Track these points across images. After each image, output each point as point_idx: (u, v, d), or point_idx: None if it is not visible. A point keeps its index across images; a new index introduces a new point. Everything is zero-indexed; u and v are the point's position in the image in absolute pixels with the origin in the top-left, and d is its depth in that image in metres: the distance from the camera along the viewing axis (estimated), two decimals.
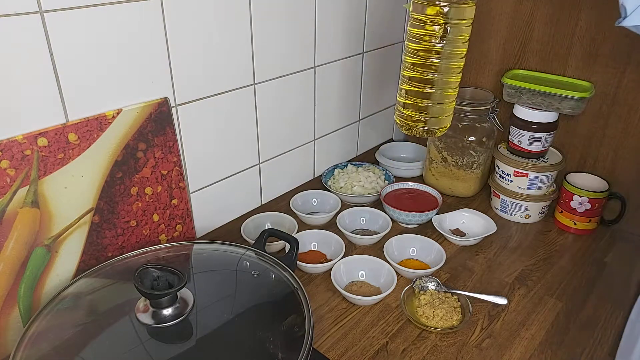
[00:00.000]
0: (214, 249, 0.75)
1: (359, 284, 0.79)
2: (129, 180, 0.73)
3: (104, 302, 0.65)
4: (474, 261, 0.85)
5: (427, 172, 1.09)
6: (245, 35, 0.83)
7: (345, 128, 1.15)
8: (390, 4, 1.11)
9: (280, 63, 0.92)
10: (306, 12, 0.93)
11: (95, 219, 0.71)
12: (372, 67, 1.15)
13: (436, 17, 0.73)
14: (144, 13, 0.68)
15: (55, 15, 0.60)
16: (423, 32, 0.75)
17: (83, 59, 0.64)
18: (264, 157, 0.98)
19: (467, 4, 0.74)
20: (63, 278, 0.69)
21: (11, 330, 0.64)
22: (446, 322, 0.71)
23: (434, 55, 0.75)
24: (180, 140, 0.80)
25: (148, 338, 0.58)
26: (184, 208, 0.83)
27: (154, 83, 0.73)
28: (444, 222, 0.93)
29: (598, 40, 0.91)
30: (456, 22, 0.73)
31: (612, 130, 0.94)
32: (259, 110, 0.92)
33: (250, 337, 0.59)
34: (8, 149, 0.60)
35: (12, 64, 0.58)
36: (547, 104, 0.93)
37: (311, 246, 0.87)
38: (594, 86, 0.93)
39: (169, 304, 0.58)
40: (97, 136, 0.68)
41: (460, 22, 0.74)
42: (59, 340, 0.58)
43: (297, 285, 0.64)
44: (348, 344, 0.69)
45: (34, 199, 0.63)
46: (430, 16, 0.73)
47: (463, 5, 0.73)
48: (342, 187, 1.03)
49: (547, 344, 0.69)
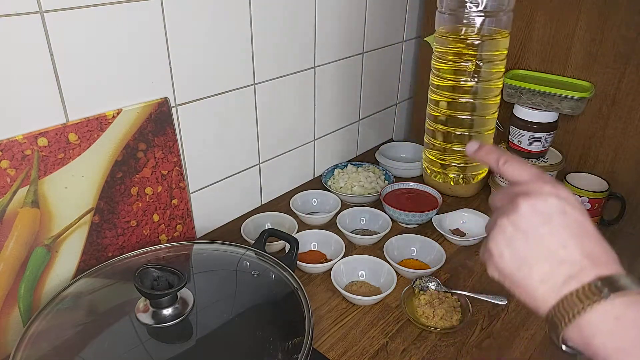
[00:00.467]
0: (214, 249, 0.75)
1: (358, 283, 0.79)
2: (129, 180, 0.73)
3: (104, 302, 0.65)
4: (473, 261, 0.85)
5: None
6: (245, 36, 0.84)
7: (345, 128, 1.15)
8: (390, 4, 1.12)
9: (280, 63, 0.92)
10: (306, 12, 0.93)
11: (96, 219, 0.71)
12: (372, 67, 1.15)
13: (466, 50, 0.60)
14: (144, 13, 0.68)
15: (55, 15, 0.60)
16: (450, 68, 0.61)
17: (83, 59, 0.64)
18: (264, 157, 0.98)
19: (501, 34, 0.61)
20: (63, 278, 0.69)
21: (11, 330, 0.64)
22: (446, 322, 0.71)
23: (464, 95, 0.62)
24: (180, 140, 0.80)
25: (148, 338, 0.58)
26: (184, 208, 0.83)
27: (154, 83, 0.73)
28: (444, 222, 0.93)
29: (598, 40, 0.91)
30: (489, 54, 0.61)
31: (612, 131, 0.94)
32: (259, 110, 0.92)
33: (250, 337, 0.59)
34: (8, 149, 0.60)
35: (12, 64, 0.58)
36: (547, 104, 0.93)
37: (311, 246, 0.87)
38: (593, 86, 0.93)
39: (169, 304, 0.58)
40: (98, 136, 0.68)
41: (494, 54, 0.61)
42: (59, 340, 0.58)
43: (297, 285, 0.64)
44: (348, 343, 0.69)
45: (34, 199, 0.63)
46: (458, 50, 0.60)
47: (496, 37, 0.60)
48: (342, 187, 1.03)
49: (547, 344, 0.69)
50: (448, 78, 0.62)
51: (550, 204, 0.39)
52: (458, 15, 0.59)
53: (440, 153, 0.65)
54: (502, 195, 0.43)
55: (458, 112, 0.63)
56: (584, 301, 0.35)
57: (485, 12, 0.58)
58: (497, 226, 0.40)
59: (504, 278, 0.41)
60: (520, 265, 0.39)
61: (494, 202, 0.43)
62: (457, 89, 0.62)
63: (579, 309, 0.35)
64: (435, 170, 0.67)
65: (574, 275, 0.37)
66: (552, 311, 0.37)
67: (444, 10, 0.60)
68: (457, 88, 0.61)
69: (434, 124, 0.65)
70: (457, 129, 0.63)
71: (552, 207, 0.39)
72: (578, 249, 0.37)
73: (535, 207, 0.39)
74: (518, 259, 0.39)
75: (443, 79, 0.62)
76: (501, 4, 0.58)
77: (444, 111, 0.63)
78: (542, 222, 0.38)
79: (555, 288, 0.37)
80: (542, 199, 0.39)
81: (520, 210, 0.39)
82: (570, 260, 0.37)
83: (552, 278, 0.37)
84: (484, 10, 0.57)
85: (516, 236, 0.39)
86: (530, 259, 0.38)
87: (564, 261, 0.37)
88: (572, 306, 0.36)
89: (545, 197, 0.39)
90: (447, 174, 0.66)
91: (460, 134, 0.63)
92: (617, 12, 0.88)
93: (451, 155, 0.65)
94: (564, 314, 0.36)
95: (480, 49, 0.59)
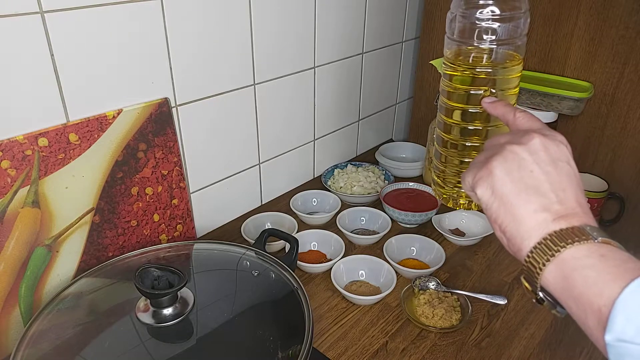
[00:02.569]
0: (214, 248, 0.75)
1: (358, 283, 0.79)
2: (129, 180, 0.73)
3: (105, 301, 0.65)
4: (473, 261, 0.86)
5: (427, 172, 1.09)
6: (246, 36, 0.84)
7: (345, 128, 1.15)
8: (390, 4, 1.12)
9: (280, 63, 0.92)
10: (306, 13, 0.93)
11: (96, 218, 0.71)
12: (372, 67, 1.15)
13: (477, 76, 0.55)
14: (144, 13, 0.68)
15: (55, 15, 0.60)
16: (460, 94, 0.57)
17: (83, 59, 0.65)
18: (264, 157, 0.98)
19: (515, 60, 0.56)
20: (64, 278, 0.69)
21: (12, 330, 0.64)
22: (445, 321, 0.71)
23: (474, 123, 0.57)
24: (180, 140, 0.80)
25: (148, 337, 0.58)
26: (185, 208, 0.83)
27: (154, 83, 0.73)
28: (444, 221, 0.93)
29: (597, 40, 0.91)
30: (502, 79, 0.56)
31: (611, 131, 0.94)
32: (259, 110, 0.92)
33: (250, 336, 0.59)
34: (9, 149, 0.60)
35: (12, 64, 0.59)
36: (546, 104, 0.93)
37: (311, 246, 0.87)
38: (593, 86, 0.93)
39: (170, 303, 0.59)
40: (98, 136, 0.68)
41: (508, 78, 0.57)
42: (59, 340, 0.58)
43: (297, 284, 0.64)
44: (348, 343, 0.69)
45: (34, 199, 0.63)
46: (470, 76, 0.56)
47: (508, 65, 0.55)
48: (342, 187, 1.03)
49: (546, 343, 0.69)
50: (458, 103, 0.58)
51: (560, 149, 0.42)
52: (468, 42, 0.54)
53: (451, 177, 0.63)
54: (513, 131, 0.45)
55: (468, 138, 0.59)
56: (572, 238, 0.37)
57: (499, 41, 0.53)
58: (506, 149, 0.42)
59: (496, 199, 0.41)
60: (521, 191, 0.40)
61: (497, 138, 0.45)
62: (469, 115, 0.57)
63: (566, 244, 0.36)
64: (445, 194, 0.64)
65: (565, 216, 0.38)
66: (536, 246, 0.38)
67: (454, 37, 0.56)
68: (469, 114, 0.57)
69: (444, 148, 0.62)
70: (468, 154, 0.60)
71: (561, 153, 0.41)
72: (573, 196, 0.40)
73: (548, 147, 0.41)
74: (522, 184, 0.40)
75: (453, 103, 0.59)
76: (516, 31, 0.54)
77: (454, 138, 0.60)
78: (551, 162, 0.41)
79: (544, 223, 0.39)
80: (555, 143, 0.42)
81: (535, 143, 0.41)
82: (565, 203, 0.39)
83: (546, 212, 0.39)
84: (498, 39, 0.53)
85: (526, 163, 0.41)
86: (533, 188, 0.40)
87: (561, 201, 0.39)
88: (559, 240, 0.37)
89: (558, 142, 0.42)
90: (457, 198, 0.63)
91: (468, 160, 0.60)
92: (615, 11, 0.88)
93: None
94: (547, 251, 0.37)
95: (492, 75, 0.55)
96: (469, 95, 0.56)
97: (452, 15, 0.56)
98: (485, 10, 0.52)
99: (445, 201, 0.64)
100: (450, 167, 0.63)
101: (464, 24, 0.54)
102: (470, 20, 0.53)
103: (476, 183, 0.43)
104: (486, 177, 0.42)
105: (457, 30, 0.55)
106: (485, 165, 0.42)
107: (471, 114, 0.57)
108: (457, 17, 0.55)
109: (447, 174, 0.63)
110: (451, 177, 0.63)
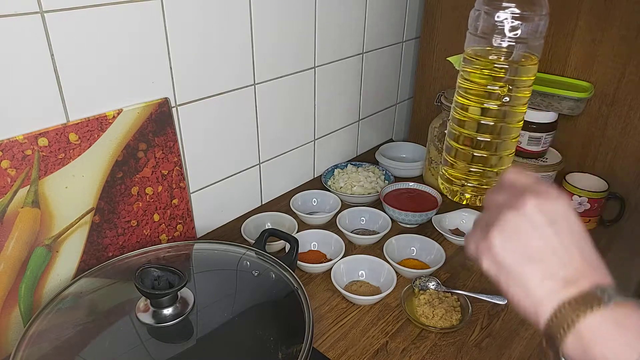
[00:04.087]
0: (215, 248, 0.75)
1: (358, 283, 0.79)
2: (129, 180, 0.73)
3: (105, 301, 0.65)
4: (473, 261, 0.85)
5: (427, 172, 1.09)
6: (246, 36, 0.84)
7: (345, 128, 1.15)
8: (390, 4, 1.12)
9: (280, 63, 0.92)
10: (306, 12, 0.93)
11: (96, 218, 0.71)
12: (372, 67, 1.15)
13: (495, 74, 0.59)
14: (144, 13, 0.68)
15: (55, 15, 0.60)
16: (477, 90, 0.61)
17: (83, 59, 0.65)
18: (264, 157, 0.98)
19: (532, 60, 0.59)
20: (63, 278, 0.69)
21: (12, 330, 0.64)
22: (446, 321, 0.71)
23: (488, 118, 0.61)
24: (180, 140, 0.80)
25: (148, 338, 0.58)
26: (185, 208, 0.83)
27: (154, 83, 0.73)
28: (444, 221, 0.93)
29: (597, 40, 0.91)
30: (519, 79, 0.60)
31: (611, 131, 0.94)
32: (259, 110, 0.92)
33: (250, 336, 0.59)
34: (9, 149, 0.60)
35: (12, 64, 0.59)
36: (547, 104, 0.93)
37: (311, 246, 0.87)
38: (593, 86, 0.93)
39: (170, 303, 0.59)
40: (98, 136, 0.68)
41: (523, 79, 0.60)
42: (59, 340, 0.58)
43: (297, 284, 0.64)
44: (348, 343, 0.69)
45: (34, 199, 0.63)
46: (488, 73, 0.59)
47: (526, 64, 0.59)
48: (342, 187, 1.03)
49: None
50: (474, 100, 0.61)
51: (557, 206, 0.39)
52: (490, 39, 0.58)
53: (459, 172, 0.65)
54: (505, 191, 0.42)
55: (479, 134, 0.62)
56: (585, 305, 0.35)
57: (519, 40, 0.56)
58: (502, 217, 0.40)
59: (502, 272, 0.40)
60: (524, 260, 0.38)
61: (493, 198, 0.43)
62: (483, 111, 0.60)
63: (579, 312, 0.35)
64: (452, 189, 0.66)
65: (573, 280, 0.37)
66: (551, 317, 0.37)
67: (477, 33, 0.59)
68: (484, 110, 0.60)
69: (455, 143, 0.64)
70: (479, 151, 0.63)
71: (558, 210, 0.39)
72: (578, 254, 0.38)
73: (543, 207, 0.38)
74: (523, 253, 0.38)
75: (469, 99, 0.61)
76: (535, 31, 0.57)
77: (468, 132, 0.62)
78: (548, 223, 0.38)
79: (553, 292, 0.37)
80: (550, 201, 0.39)
81: (528, 206, 0.38)
82: (572, 265, 0.37)
83: (552, 280, 0.37)
84: (519, 37, 0.56)
85: (524, 230, 0.38)
86: (536, 255, 0.38)
87: (565, 265, 0.37)
88: (572, 311, 0.35)
89: (552, 199, 0.39)
90: (463, 193, 0.65)
91: (479, 155, 0.63)
92: (616, 12, 0.88)
93: (471, 175, 0.65)
94: (562, 321, 0.36)
95: (509, 74, 0.58)
96: (485, 92, 0.59)
97: (477, 13, 0.58)
98: (509, 9, 0.55)
99: (451, 196, 0.66)
100: (460, 162, 0.65)
101: (487, 21, 0.57)
102: (493, 17, 0.56)
103: (479, 256, 0.42)
104: (487, 251, 0.41)
105: (480, 27, 0.58)
106: (485, 236, 0.41)
107: (486, 110, 0.59)
108: (481, 14, 0.58)
109: (456, 169, 0.65)
110: (460, 172, 0.65)
